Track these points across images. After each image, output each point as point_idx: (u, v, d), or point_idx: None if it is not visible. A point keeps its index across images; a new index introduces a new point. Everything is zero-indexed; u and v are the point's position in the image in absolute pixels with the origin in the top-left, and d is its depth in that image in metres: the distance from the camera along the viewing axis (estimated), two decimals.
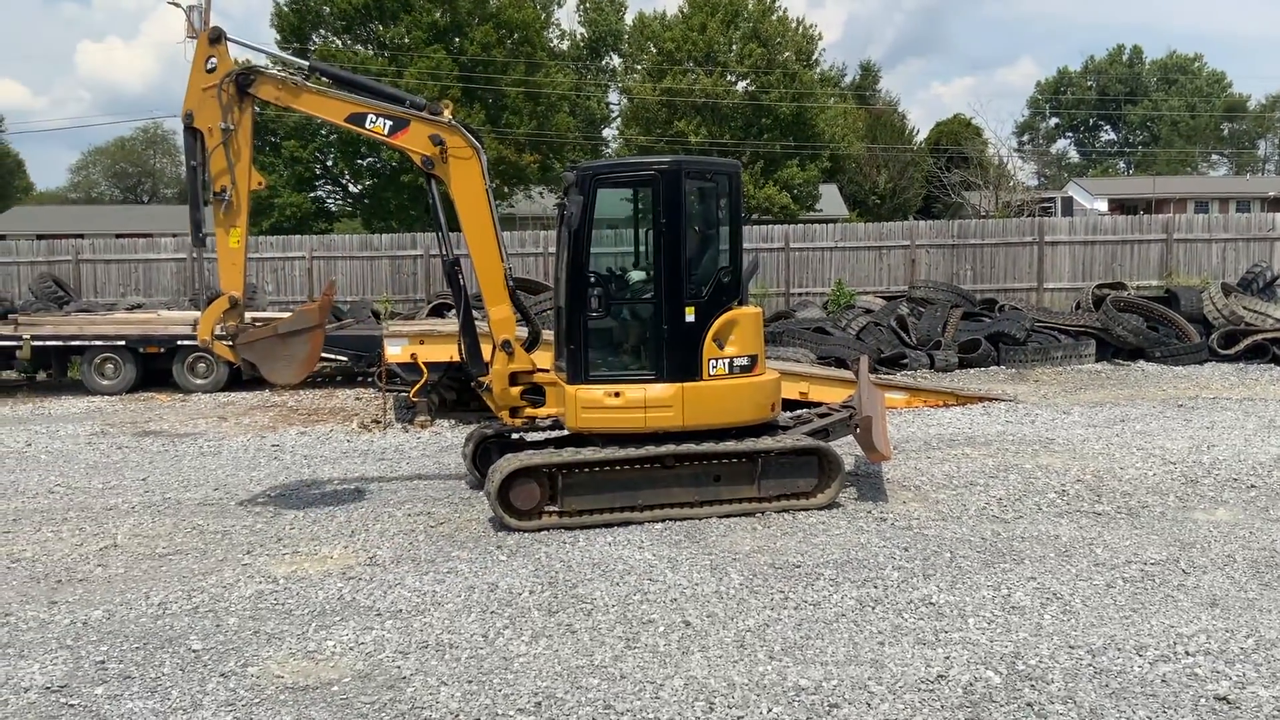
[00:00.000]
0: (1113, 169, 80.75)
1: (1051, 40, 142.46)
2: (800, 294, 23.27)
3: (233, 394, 16.42)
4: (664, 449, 8.20)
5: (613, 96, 52.40)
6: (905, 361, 17.14)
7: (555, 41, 46.07)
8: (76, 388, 16.81)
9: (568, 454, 8.22)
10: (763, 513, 8.41)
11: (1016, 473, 9.75)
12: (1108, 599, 6.47)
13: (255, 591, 6.81)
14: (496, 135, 35.23)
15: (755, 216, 39.54)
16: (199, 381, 16.69)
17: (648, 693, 5.24)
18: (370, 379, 16.40)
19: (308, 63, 9.19)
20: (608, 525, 8.15)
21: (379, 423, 13.39)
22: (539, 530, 8.07)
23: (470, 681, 5.39)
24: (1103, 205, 55.23)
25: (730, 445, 8.34)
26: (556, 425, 9.05)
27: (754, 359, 8.60)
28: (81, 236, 29.49)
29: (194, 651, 5.83)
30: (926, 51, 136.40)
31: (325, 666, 5.64)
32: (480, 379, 8.96)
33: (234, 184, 8.64)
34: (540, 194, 40.64)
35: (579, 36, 51.73)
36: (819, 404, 11.79)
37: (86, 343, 16.78)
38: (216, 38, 8.64)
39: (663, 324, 8.29)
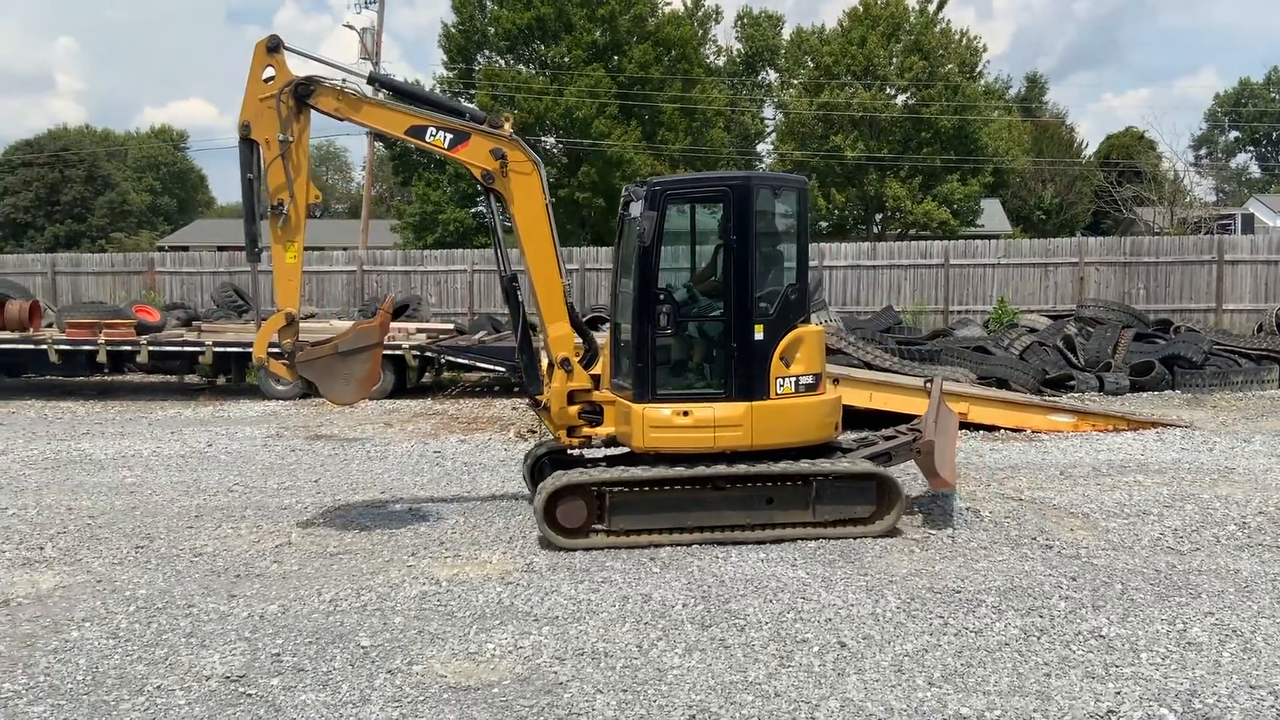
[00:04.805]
0: None
1: (1233, 50, 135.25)
2: (960, 312, 22.71)
3: (397, 402, 17.02)
4: (708, 470, 8.02)
5: (768, 111, 52.30)
6: (1072, 383, 16.50)
7: (711, 58, 46.27)
8: (254, 392, 17.71)
9: (614, 472, 8.13)
10: (816, 539, 8.15)
11: (1193, 503, 9.28)
12: None
13: (419, 592, 7.04)
14: (651, 152, 35.55)
15: (912, 232, 38.78)
16: None
17: (803, 713, 5.18)
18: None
19: (367, 74, 8.78)
20: (656, 546, 8.01)
21: (534, 432, 13.64)
22: (585, 550, 7.98)
23: (625, 691, 5.45)
24: None
25: (783, 467, 8.11)
26: (611, 443, 8.83)
27: (818, 378, 8.37)
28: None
29: (362, 648, 6.06)
30: (1099, 63, 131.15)
31: (486, 668, 5.78)
32: (537, 398, 8.80)
33: (292, 198, 8.43)
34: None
35: (735, 52, 51.84)
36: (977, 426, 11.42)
37: None
38: (274, 47, 8.41)
39: (732, 342, 8.12)
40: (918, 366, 15.48)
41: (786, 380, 8.19)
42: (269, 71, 8.46)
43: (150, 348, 17.68)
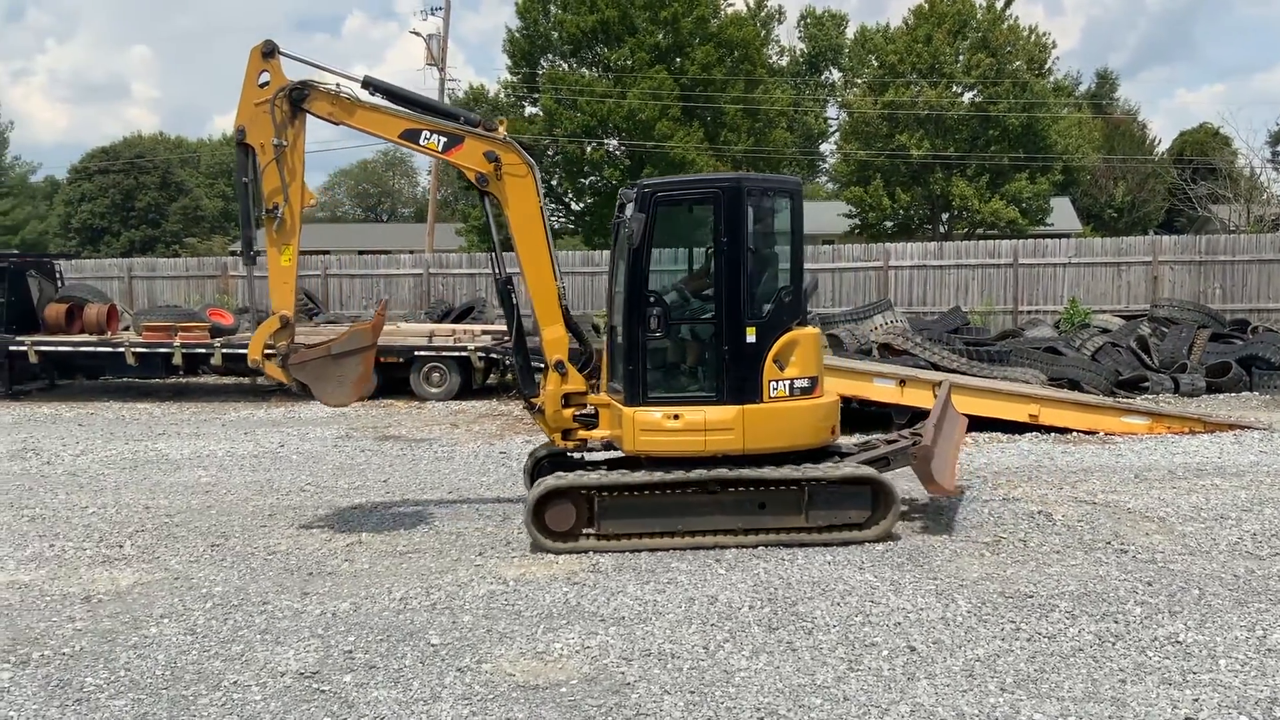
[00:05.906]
0: None
1: None
2: (1029, 312, 22.38)
3: (463, 403, 17.19)
4: (689, 474, 7.92)
5: (831, 111, 51.96)
6: (1146, 385, 16.16)
7: (774, 58, 46.09)
8: None
9: (597, 476, 8.10)
10: (810, 545, 8.01)
11: (1273, 506, 9.04)
12: None
13: (487, 591, 7.11)
14: (714, 153, 35.48)
15: (979, 232, 38.27)
16: (433, 390, 17.55)
17: (872, 717, 5.14)
18: None
19: (361, 79, 8.78)
20: (647, 550, 7.95)
21: None
22: (574, 553, 7.94)
23: (693, 692, 5.45)
24: None
25: (774, 472, 7.98)
26: (611, 446, 8.71)
27: (814, 380, 8.24)
28: (328, 253, 31.57)
29: (432, 646, 6.13)
30: (1172, 58, 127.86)
31: (553, 668, 5.82)
32: (532, 400, 8.75)
33: (287, 201, 8.48)
34: None
35: (799, 52, 51.61)
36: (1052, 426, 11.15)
37: None
38: (269, 52, 8.47)
39: (723, 344, 8.02)
40: (986, 368, 15.27)
41: (780, 383, 8.07)
42: (264, 76, 8.52)
43: (224, 350, 18.04)
